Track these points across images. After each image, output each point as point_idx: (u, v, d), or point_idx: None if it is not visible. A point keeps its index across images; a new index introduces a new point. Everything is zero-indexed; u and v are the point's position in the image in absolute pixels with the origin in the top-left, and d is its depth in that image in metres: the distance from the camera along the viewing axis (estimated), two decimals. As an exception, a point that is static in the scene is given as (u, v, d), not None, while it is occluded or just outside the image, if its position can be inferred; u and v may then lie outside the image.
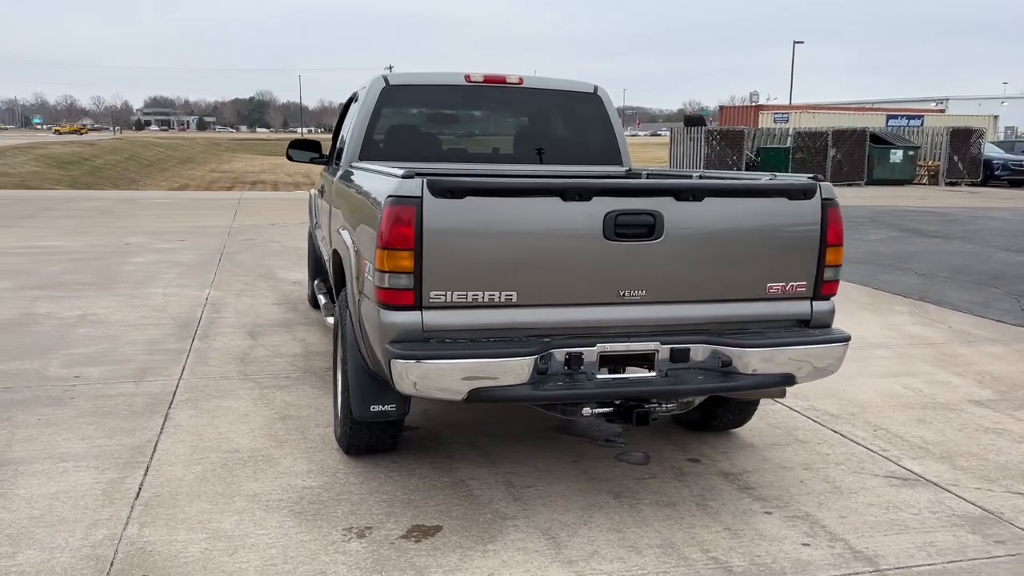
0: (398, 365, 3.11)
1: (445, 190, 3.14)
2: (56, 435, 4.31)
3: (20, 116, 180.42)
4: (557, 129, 5.46)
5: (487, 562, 3.17)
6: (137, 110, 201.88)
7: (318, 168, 6.46)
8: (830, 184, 3.62)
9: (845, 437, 4.59)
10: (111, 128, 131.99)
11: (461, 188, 3.17)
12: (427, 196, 3.12)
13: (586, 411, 3.48)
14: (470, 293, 3.22)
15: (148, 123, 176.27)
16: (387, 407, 3.65)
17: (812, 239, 3.52)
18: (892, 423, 4.83)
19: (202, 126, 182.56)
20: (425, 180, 3.13)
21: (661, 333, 3.42)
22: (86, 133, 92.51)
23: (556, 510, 3.62)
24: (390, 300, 3.19)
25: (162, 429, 4.43)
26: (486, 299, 3.24)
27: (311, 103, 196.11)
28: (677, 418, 4.38)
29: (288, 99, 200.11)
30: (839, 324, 3.80)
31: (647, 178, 5.05)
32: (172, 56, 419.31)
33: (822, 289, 3.60)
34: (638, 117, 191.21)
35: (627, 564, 3.18)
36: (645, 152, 52.95)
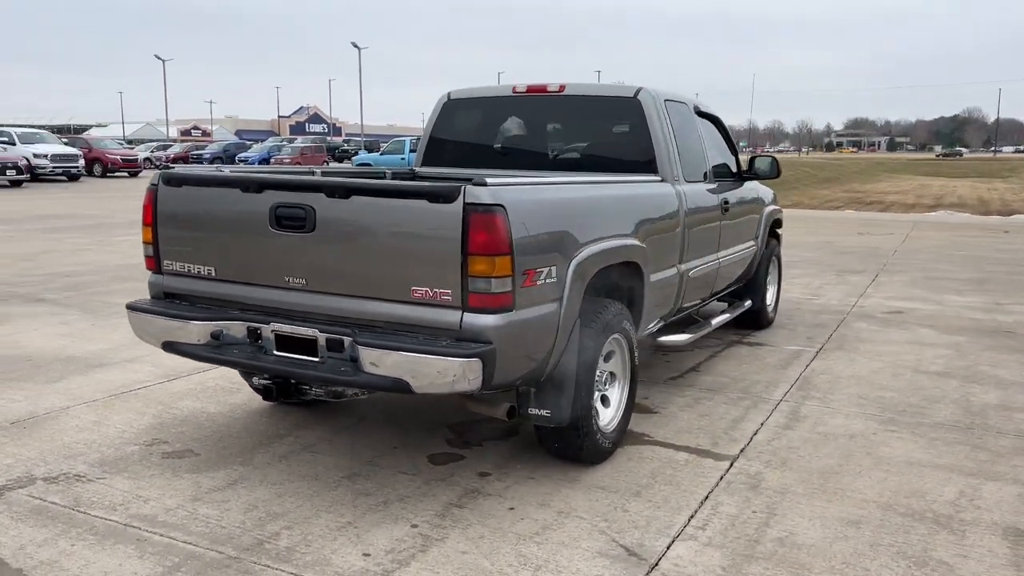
0: (128, 313, 4.10)
1: (171, 180, 4.00)
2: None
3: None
4: (593, 136, 5.39)
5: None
6: (834, 132, 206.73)
7: None
8: (494, 189, 3.34)
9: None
10: (799, 150, 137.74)
11: (178, 178, 3.99)
12: (161, 184, 4.03)
13: (255, 380, 3.91)
14: (186, 264, 4.01)
15: (840, 144, 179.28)
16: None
17: (453, 245, 3.34)
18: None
19: (892, 146, 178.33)
20: (161, 173, 4.04)
21: (322, 322, 3.68)
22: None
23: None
24: (147, 265, 4.18)
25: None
26: (195, 271, 3.99)
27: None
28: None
29: (1006, 115, 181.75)
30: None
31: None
32: (880, 77, 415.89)
33: (470, 301, 3.36)
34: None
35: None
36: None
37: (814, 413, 5.02)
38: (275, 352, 3.73)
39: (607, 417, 4.26)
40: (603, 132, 5.38)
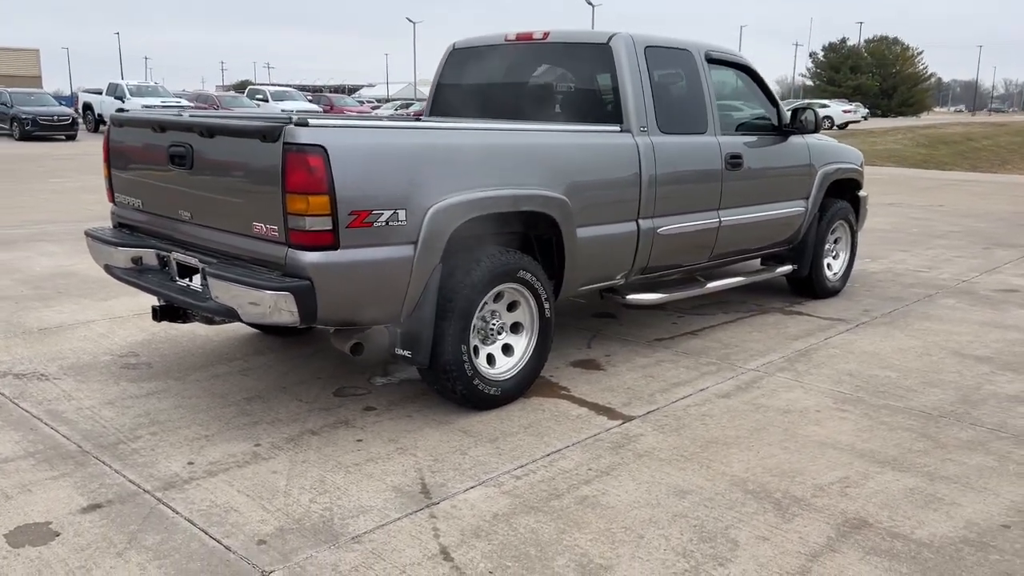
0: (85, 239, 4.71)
1: (117, 121, 4.54)
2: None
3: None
4: (571, 82, 5.33)
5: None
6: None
7: None
8: (314, 130, 3.52)
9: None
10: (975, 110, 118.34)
11: (120, 120, 4.51)
12: (112, 126, 4.58)
13: (155, 303, 4.36)
14: (126, 198, 4.55)
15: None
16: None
17: (276, 183, 3.57)
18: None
19: None
20: (112, 116, 4.59)
21: (203, 252, 4.07)
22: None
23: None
24: (107, 198, 4.77)
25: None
26: (131, 203, 4.51)
27: None
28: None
29: None
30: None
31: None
32: None
33: (291, 237, 3.58)
34: None
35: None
36: None
37: (771, 385, 4.70)
38: (177, 279, 4.14)
39: (506, 365, 4.29)
40: (581, 78, 5.27)
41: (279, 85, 41.06)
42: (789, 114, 6.05)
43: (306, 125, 3.43)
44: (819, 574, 2.86)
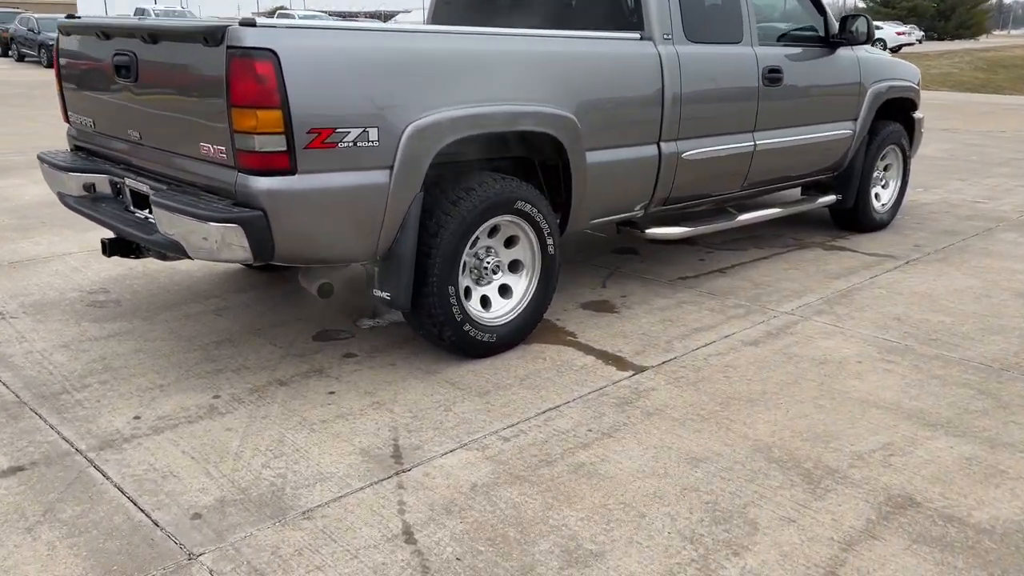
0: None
1: (64, 28, 4.02)
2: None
3: None
4: None
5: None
6: None
7: None
8: (263, 31, 2.98)
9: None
10: None
11: (66, 28, 3.98)
12: (60, 35, 4.06)
13: (107, 236, 3.89)
14: (79, 116, 4.05)
15: None
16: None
17: (220, 95, 3.05)
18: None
19: None
20: (60, 23, 4.07)
21: (155, 178, 3.59)
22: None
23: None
24: (62, 117, 4.28)
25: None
26: (83, 123, 4.02)
27: None
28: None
29: None
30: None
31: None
32: None
33: (240, 160, 3.07)
34: None
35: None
36: None
37: (806, 331, 4.14)
38: (132, 209, 3.66)
39: (503, 308, 3.79)
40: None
41: (312, 10, 40.12)
42: (837, 24, 5.33)
43: (253, 25, 2.88)
44: (855, 568, 2.35)
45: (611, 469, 2.86)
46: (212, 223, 2.95)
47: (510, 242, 3.80)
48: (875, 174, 6.04)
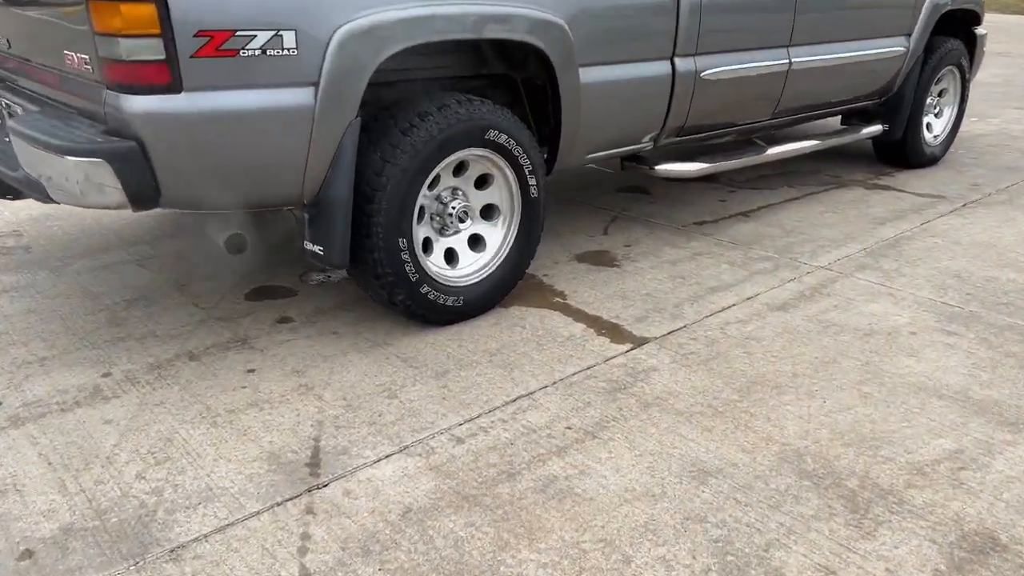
0: None
1: None
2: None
3: None
4: None
5: None
6: None
7: None
8: None
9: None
10: None
11: None
12: None
13: None
14: None
15: None
16: None
17: None
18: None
19: None
20: None
21: (28, 99, 2.87)
22: None
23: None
24: None
25: None
26: None
27: None
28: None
29: None
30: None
31: None
32: None
33: (106, 73, 2.32)
34: None
35: None
36: None
37: (847, 291, 3.39)
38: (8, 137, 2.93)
39: (473, 264, 3.07)
40: None
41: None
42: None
43: None
44: (921, 655, 1.65)
45: (591, 487, 2.15)
46: (70, 157, 2.22)
47: (482, 182, 3.05)
48: (928, 100, 5.17)
